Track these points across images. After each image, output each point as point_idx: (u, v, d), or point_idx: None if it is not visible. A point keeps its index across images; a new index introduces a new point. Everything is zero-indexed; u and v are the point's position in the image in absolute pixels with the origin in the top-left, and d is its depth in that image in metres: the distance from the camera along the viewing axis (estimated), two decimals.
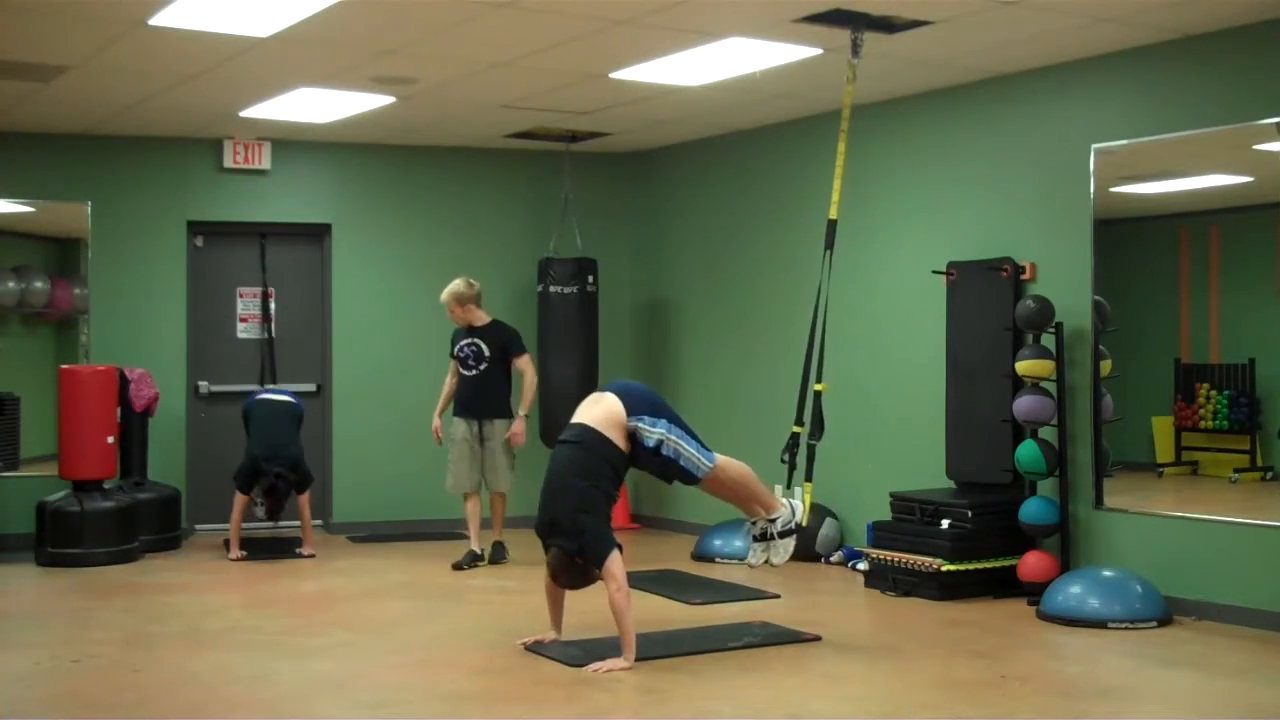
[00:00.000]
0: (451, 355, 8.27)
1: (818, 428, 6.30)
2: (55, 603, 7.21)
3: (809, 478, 6.29)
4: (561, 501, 5.58)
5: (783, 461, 6.34)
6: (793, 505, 6.09)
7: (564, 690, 5.20)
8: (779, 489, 6.35)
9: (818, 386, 6.35)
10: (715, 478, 5.86)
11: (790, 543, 6.06)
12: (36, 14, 6.17)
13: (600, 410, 5.76)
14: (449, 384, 8.29)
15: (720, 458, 5.89)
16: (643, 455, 5.73)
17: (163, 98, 7.99)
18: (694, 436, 5.83)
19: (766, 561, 6.09)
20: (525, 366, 8.20)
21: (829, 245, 6.48)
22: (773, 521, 6.03)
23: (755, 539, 6.09)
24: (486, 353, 8.13)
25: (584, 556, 5.55)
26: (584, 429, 5.71)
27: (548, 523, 5.61)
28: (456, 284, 8.14)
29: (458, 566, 8.03)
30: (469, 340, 8.16)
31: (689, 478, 5.82)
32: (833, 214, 6.53)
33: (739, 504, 6.11)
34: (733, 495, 6.06)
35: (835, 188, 6.53)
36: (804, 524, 6.18)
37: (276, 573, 8.05)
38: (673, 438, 5.72)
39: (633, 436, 5.70)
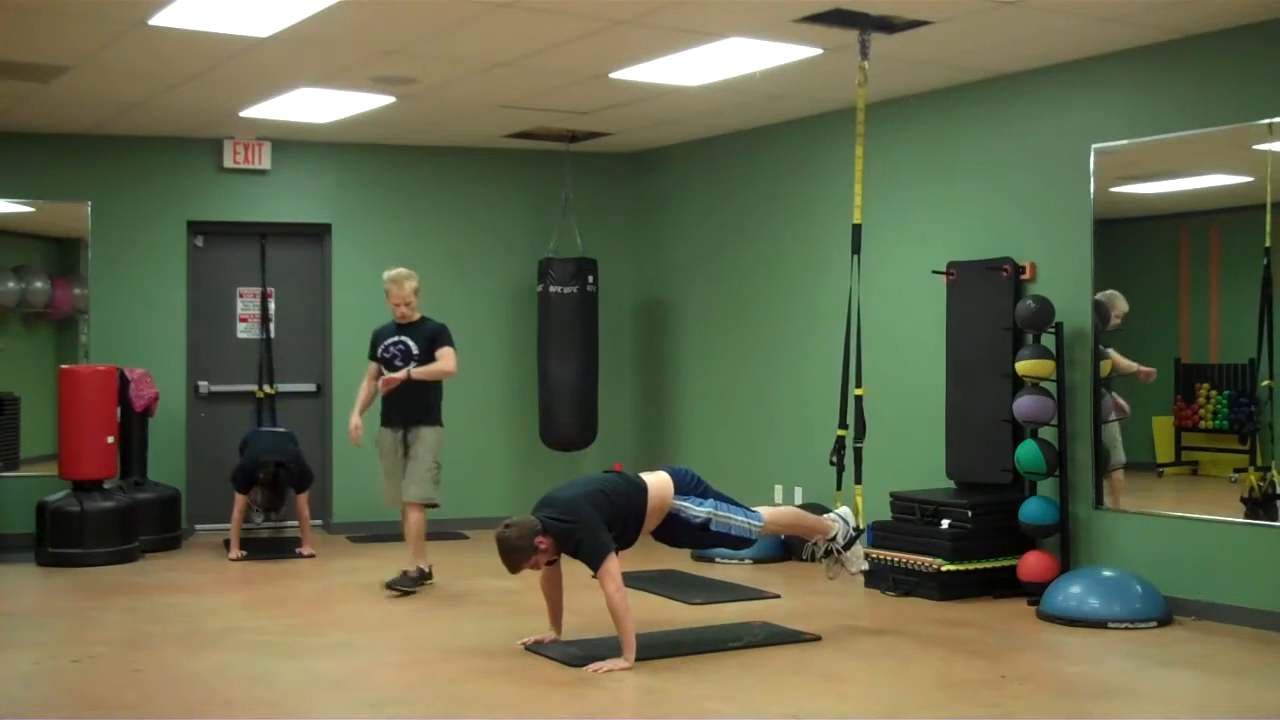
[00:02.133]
0: (373, 357, 7.54)
1: (859, 430, 6.46)
2: (55, 603, 7.21)
3: (858, 480, 6.43)
4: (569, 488, 5.74)
5: (831, 464, 6.48)
6: (843, 516, 6.27)
7: (564, 690, 5.20)
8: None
9: (858, 391, 6.45)
10: (767, 531, 6.13)
11: (858, 548, 6.29)
12: (36, 14, 6.17)
13: (655, 478, 5.93)
14: (367, 388, 7.58)
15: (765, 512, 6.11)
16: (687, 532, 5.93)
17: (163, 98, 8.00)
18: (738, 505, 6.03)
19: (846, 572, 6.31)
20: (446, 356, 7.35)
21: (855, 250, 6.53)
22: (832, 540, 6.21)
23: (821, 558, 6.30)
24: (415, 351, 7.38)
25: (553, 543, 5.58)
26: (636, 475, 5.94)
27: (546, 500, 5.72)
28: (411, 273, 7.47)
29: (392, 586, 7.24)
30: (395, 339, 7.43)
31: (747, 542, 6.07)
32: (857, 218, 6.60)
33: (798, 536, 6.49)
34: (789, 533, 6.59)
35: (857, 191, 6.58)
36: (861, 528, 6.34)
37: (276, 573, 8.05)
38: (721, 514, 5.92)
39: (674, 515, 5.85)
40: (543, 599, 5.95)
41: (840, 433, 6.45)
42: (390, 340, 7.46)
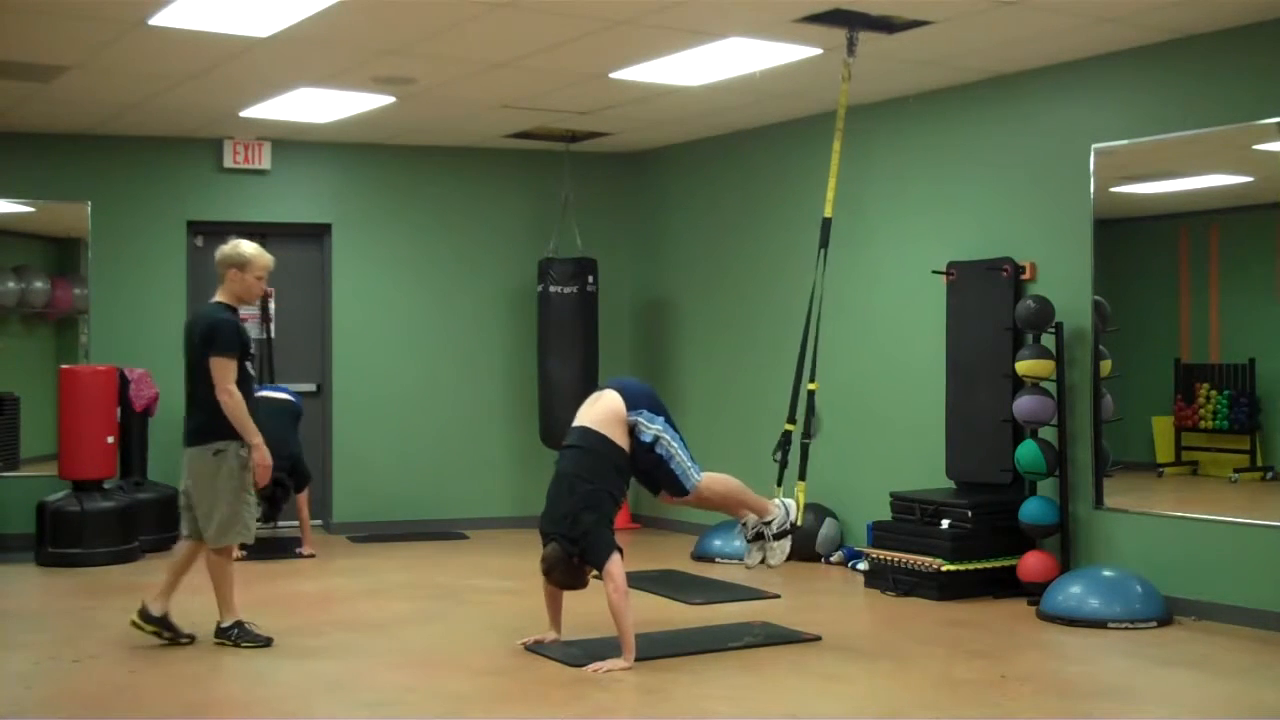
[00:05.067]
0: (248, 355, 6.03)
1: (811, 425, 6.31)
2: (55, 603, 7.21)
3: (802, 477, 6.31)
4: (567, 500, 5.61)
5: (774, 460, 6.35)
6: (786, 506, 6.09)
7: (564, 690, 5.20)
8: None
9: (812, 386, 6.36)
10: (700, 495, 5.86)
11: (786, 543, 6.05)
12: (36, 14, 6.17)
13: (599, 409, 5.76)
14: (240, 395, 5.88)
15: (706, 475, 5.86)
16: (639, 451, 5.72)
17: (163, 98, 8.00)
18: (686, 448, 5.81)
19: (763, 562, 6.08)
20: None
21: (824, 244, 6.50)
22: (767, 524, 6.03)
23: (749, 540, 6.09)
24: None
25: (582, 559, 5.57)
26: (584, 432, 5.72)
27: (550, 518, 5.64)
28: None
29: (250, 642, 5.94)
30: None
31: (677, 486, 5.77)
32: (828, 212, 6.56)
33: (729, 512, 6.15)
34: (722, 506, 6.09)
35: (830, 186, 6.56)
36: (799, 524, 6.19)
37: (276, 573, 8.05)
38: (667, 437, 5.72)
39: (633, 431, 5.70)
40: (543, 599, 5.94)
41: (789, 427, 6.35)
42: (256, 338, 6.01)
